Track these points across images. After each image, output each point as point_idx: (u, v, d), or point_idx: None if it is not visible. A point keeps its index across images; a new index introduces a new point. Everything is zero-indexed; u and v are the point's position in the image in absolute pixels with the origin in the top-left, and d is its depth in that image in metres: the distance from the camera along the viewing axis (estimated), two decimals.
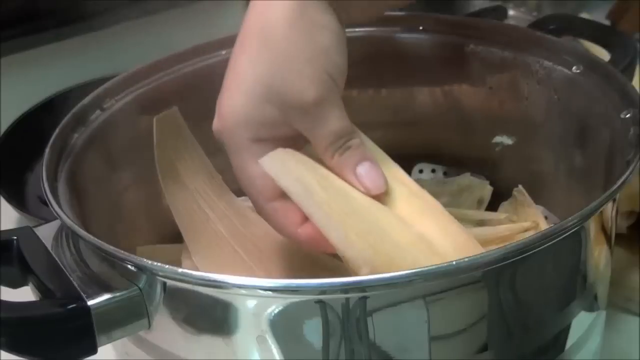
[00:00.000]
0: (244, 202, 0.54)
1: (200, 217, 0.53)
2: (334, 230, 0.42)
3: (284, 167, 0.43)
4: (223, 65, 0.46)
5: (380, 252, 0.42)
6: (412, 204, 0.45)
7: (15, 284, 0.44)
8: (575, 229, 0.40)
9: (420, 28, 0.61)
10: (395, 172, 0.46)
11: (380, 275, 0.36)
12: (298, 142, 0.45)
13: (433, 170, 0.65)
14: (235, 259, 0.52)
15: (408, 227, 0.43)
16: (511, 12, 0.97)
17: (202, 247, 0.52)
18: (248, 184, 0.45)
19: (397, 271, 0.36)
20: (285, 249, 0.52)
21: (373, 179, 0.44)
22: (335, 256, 0.48)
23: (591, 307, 0.45)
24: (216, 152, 0.53)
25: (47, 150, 0.49)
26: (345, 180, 0.44)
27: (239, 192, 0.54)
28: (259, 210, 0.45)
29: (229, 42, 0.47)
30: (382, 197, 0.44)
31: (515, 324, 0.41)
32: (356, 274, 0.42)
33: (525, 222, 0.56)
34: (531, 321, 0.42)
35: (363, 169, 0.44)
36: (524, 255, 0.38)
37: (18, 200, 0.75)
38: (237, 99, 0.44)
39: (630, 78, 0.55)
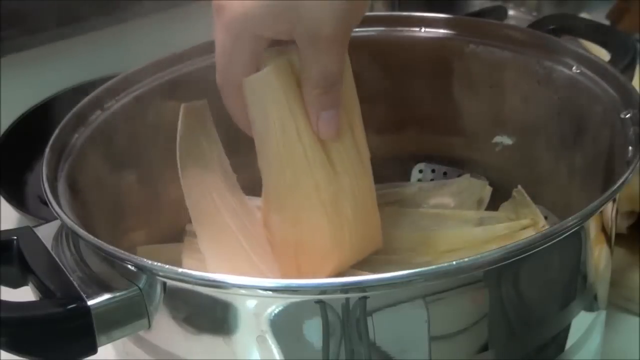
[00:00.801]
0: (253, 202, 0.54)
1: (212, 208, 0.53)
2: (266, 168, 0.48)
3: (260, 96, 0.46)
4: None
5: (288, 205, 0.48)
6: (344, 159, 0.49)
7: (15, 284, 0.44)
8: (575, 229, 0.40)
9: (420, 28, 0.61)
10: (353, 123, 0.49)
11: (380, 275, 0.36)
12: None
13: (433, 171, 0.65)
14: (240, 252, 0.52)
15: (330, 182, 0.47)
16: (511, 12, 0.97)
17: (210, 236, 0.52)
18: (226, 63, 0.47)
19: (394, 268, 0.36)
20: None
21: (328, 127, 0.47)
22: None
23: (591, 307, 0.45)
24: (232, 153, 0.53)
25: (47, 150, 0.49)
26: (306, 111, 0.47)
27: (247, 192, 0.54)
28: (221, 82, 0.48)
29: None
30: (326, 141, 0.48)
31: (515, 324, 0.41)
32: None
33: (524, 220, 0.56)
34: (531, 321, 0.42)
35: (327, 115, 0.47)
36: (524, 255, 0.38)
37: (18, 200, 0.75)
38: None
39: (630, 78, 0.55)
